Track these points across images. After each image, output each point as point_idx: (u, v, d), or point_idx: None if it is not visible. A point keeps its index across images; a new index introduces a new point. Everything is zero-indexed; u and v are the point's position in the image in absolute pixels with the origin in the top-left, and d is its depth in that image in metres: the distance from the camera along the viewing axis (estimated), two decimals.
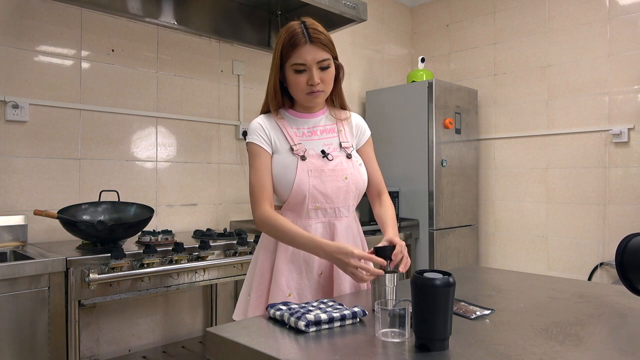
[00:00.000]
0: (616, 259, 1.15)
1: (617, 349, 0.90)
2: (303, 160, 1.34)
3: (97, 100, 2.39)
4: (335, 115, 1.47)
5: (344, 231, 1.39)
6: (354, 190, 1.40)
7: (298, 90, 1.35)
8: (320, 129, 1.43)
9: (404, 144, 3.42)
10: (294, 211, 1.37)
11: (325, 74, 1.34)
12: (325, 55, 1.32)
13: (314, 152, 1.37)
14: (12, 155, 2.14)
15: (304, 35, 1.30)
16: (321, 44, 1.31)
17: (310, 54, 1.30)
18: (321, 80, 1.33)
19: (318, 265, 1.37)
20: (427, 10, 4.16)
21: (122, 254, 1.80)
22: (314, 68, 1.31)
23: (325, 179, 1.35)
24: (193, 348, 2.52)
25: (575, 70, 3.29)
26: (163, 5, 2.61)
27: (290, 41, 1.30)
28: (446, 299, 0.86)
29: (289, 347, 0.92)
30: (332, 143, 1.42)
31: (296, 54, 1.30)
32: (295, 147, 1.36)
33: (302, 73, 1.32)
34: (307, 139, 1.40)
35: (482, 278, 1.65)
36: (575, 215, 3.29)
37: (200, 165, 2.79)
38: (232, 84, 2.94)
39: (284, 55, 1.32)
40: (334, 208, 1.37)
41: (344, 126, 1.47)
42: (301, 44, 1.29)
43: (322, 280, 1.37)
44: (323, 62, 1.32)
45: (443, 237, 3.33)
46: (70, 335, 1.72)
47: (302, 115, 1.43)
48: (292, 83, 1.35)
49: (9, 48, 2.13)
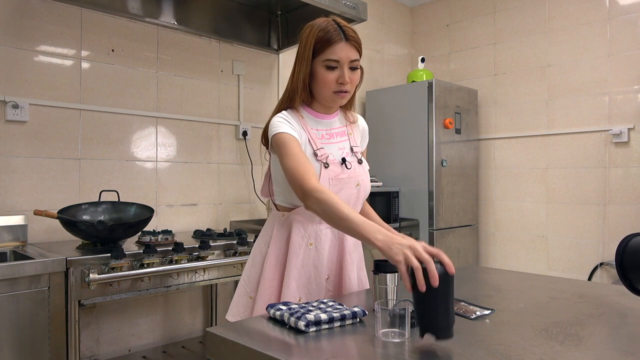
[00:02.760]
0: (616, 259, 1.15)
1: (617, 349, 0.90)
2: (326, 168, 1.32)
3: (97, 100, 2.39)
4: (346, 117, 1.47)
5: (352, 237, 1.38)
6: (363, 197, 1.41)
7: (326, 87, 1.32)
8: (335, 132, 1.42)
9: (404, 144, 3.42)
10: (306, 215, 1.35)
11: (354, 74, 1.33)
12: (357, 56, 1.31)
13: (333, 158, 1.36)
14: (12, 155, 2.13)
15: (340, 32, 1.29)
16: (355, 43, 1.31)
17: (344, 51, 1.28)
18: (350, 80, 1.31)
19: (325, 270, 1.36)
20: (427, 10, 4.16)
21: (122, 254, 1.80)
22: (345, 66, 1.29)
23: (342, 186, 1.35)
24: (193, 348, 2.52)
25: (575, 70, 3.29)
26: (163, 5, 2.61)
27: (325, 36, 1.28)
28: (447, 285, 0.87)
29: (289, 347, 0.92)
30: (345, 147, 1.41)
31: (330, 50, 1.28)
32: (319, 153, 1.33)
33: (333, 70, 1.30)
34: (326, 142, 1.38)
35: (482, 278, 1.64)
36: (575, 215, 3.29)
37: (200, 165, 2.79)
38: (232, 84, 2.94)
39: (317, 50, 1.29)
40: None
41: (353, 130, 1.47)
42: (337, 40, 1.28)
43: (329, 285, 1.38)
44: (354, 62, 1.31)
45: (443, 237, 3.33)
46: (70, 335, 1.72)
47: (320, 116, 1.41)
48: (321, 79, 1.31)
49: (9, 48, 2.13)
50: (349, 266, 1.38)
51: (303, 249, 1.35)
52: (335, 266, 1.38)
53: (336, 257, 1.38)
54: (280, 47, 3.09)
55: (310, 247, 1.35)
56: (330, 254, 1.37)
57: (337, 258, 1.39)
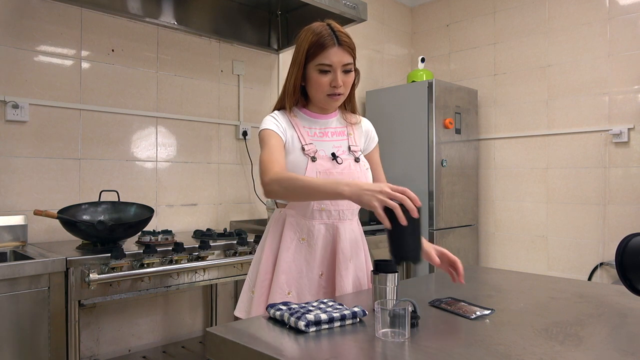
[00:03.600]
0: (616, 259, 1.15)
1: (617, 349, 0.90)
2: (313, 162, 1.35)
3: (97, 100, 2.39)
4: (346, 119, 1.49)
5: (347, 234, 1.39)
6: None
7: (319, 90, 1.36)
8: (331, 131, 1.45)
9: (404, 144, 3.42)
10: (298, 211, 1.37)
11: (347, 77, 1.36)
12: (350, 59, 1.35)
13: (324, 154, 1.39)
14: (12, 155, 2.14)
15: (333, 37, 1.32)
16: (348, 47, 1.34)
17: (337, 56, 1.32)
18: (343, 83, 1.35)
19: (319, 266, 1.37)
20: (427, 10, 4.16)
21: (122, 254, 1.80)
22: (338, 70, 1.33)
23: None
24: (193, 348, 2.52)
25: (575, 70, 3.29)
26: (163, 5, 2.61)
27: (318, 41, 1.32)
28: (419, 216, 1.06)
29: (289, 347, 0.92)
30: (341, 146, 1.43)
31: (323, 55, 1.32)
32: (307, 147, 1.37)
33: (326, 74, 1.34)
34: (318, 140, 1.41)
35: (482, 278, 1.65)
36: (575, 215, 3.29)
37: (200, 165, 2.79)
38: (232, 84, 2.94)
39: (310, 55, 1.34)
40: (339, 210, 1.38)
41: (354, 130, 1.49)
42: (329, 45, 1.32)
43: (323, 281, 1.38)
44: (347, 66, 1.35)
45: (443, 237, 3.33)
46: (70, 335, 1.72)
47: (315, 116, 1.44)
48: (314, 83, 1.36)
49: (9, 48, 2.13)
50: (341, 264, 1.37)
51: (295, 243, 1.37)
52: (329, 263, 1.39)
53: (329, 253, 1.39)
54: (280, 47, 3.09)
55: (302, 242, 1.37)
56: (323, 250, 1.38)
57: (331, 255, 1.39)
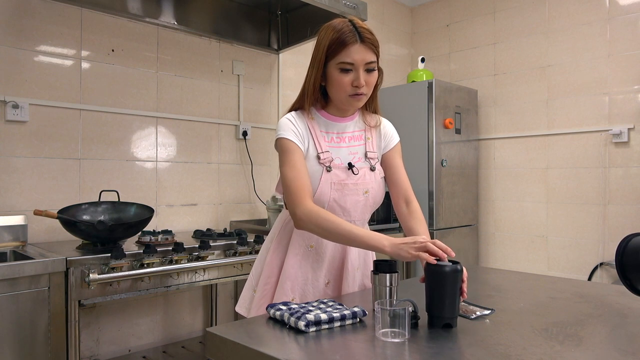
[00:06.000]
0: (616, 259, 1.15)
1: (617, 349, 0.90)
2: (328, 172, 1.30)
3: (97, 100, 2.39)
4: (366, 121, 1.43)
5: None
6: (372, 205, 1.38)
7: (341, 90, 1.28)
8: (348, 136, 1.38)
9: (404, 144, 3.36)
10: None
11: (370, 76, 1.29)
12: (373, 58, 1.27)
13: (339, 162, 1.33)
14: (12, 155, 2.13)
15: (355, 34, 1.25)
16: (371, 45, 1.26)
17: (359, 54, 1.24)
18: (365, 83, 1.27)
19: (325, 274, 1.35)
20: (427, 10, 4.16)
21: (122, 254, 1.80)
22: (361, 69, 1.26)
23: (347, 192, 1.31)
24: (193, 348, 2.52)
25: (575, 70, 3.29)
26: (163, 5, 2.61)
27: (339, 38, 1.24)
28: (454, 283, 1.00)
29: (289, 347, 0.92)
30: (358, 152, 1.38)
31: (345, 53, 1.24)
32: (322, 156, 1.31)
33: (348, 73, 1.26)
34: (335, 146, 1.35)
35: (482, 278, 1.64)
36: (575, 215, 3.29)
37: (200, 165, 2.79)
38: (232, 84, 2.94)
39: (331, 52, 1.26)
40: (350, 220, 1.33)
41: (372, 134, 1.43)
42: (351, 42, 1.24)
43: (329, 290, 1.36)
44: (370, 64, 1.27)
45: (443, 237, 3.33)
46: (70, 335, 1.72)
47: (333, 119, 1.37)
48: (335, 82, 1.28)
49: (9, 48, 2.13)
50: (349, 274, 1.36)
51: (303, 250, 1.34)
52: (337, 272, 1.37)
53: (338, 262, 1.37)
54: (280, 47, 3.09)
55: (310, 250, 1.34)
56: (332, 259, 1.35)
57: (339, 264, 1.37)
